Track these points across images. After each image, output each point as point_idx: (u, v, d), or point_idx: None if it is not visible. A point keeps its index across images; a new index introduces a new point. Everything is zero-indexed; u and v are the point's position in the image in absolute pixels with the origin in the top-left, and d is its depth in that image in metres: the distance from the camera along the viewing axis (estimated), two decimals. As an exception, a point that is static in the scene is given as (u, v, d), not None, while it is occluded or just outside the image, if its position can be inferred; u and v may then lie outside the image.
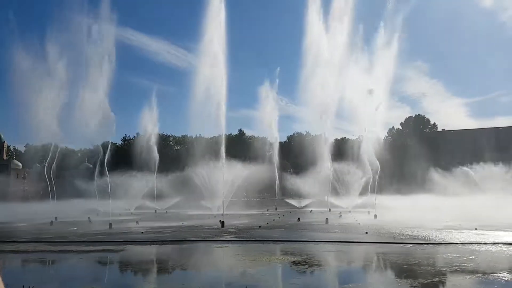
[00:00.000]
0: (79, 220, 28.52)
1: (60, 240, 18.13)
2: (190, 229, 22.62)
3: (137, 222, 26.63)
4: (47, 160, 39.97)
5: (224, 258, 13.77)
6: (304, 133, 73.78)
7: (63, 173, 44.68)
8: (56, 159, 39.22)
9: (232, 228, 22.42)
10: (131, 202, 43.74)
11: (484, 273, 9.66)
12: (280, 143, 63.79)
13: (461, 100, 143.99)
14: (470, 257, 11.82)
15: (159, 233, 20.83)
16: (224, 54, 36.30)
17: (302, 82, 51.03)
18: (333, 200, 41.79)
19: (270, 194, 55.35)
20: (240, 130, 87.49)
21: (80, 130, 42.36)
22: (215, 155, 39.49)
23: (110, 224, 23.74)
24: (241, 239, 17.51)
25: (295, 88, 53.30)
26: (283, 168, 57.51)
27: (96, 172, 36.02)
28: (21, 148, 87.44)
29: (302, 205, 46.45)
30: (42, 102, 38.48)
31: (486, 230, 19.53)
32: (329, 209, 37.66)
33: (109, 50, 36.37)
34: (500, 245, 14.30)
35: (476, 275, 9.47)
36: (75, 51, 40.43)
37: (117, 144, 79.67)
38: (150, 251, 15.37)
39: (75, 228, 23.43)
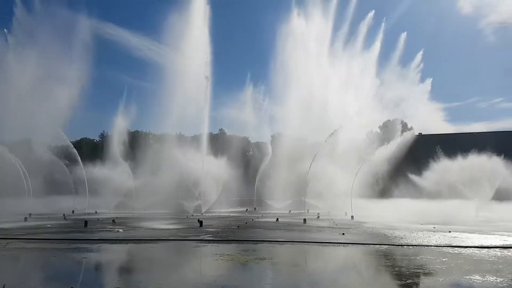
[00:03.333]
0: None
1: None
2: (168, 228, 22.41)
3: (113, 221, 26.28)
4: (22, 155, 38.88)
5: (201, 258, 13.68)
6: (286, 134, 73.89)
7: (39, 169, 43.59)
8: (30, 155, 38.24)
9: (211, 228, 22.34)
10: (110, 200, 43.13)
11: (457, 275, 9.88)
12: (262, 143, 63.85)
13: (439, 105, 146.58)
14: (444, 260, 12.07)
15: (136, 231, 20.58)
16: (208, 52, 36.06)
17: (282, 82, 51.38)
18: (311, 201, 42.03)
19: (249, 194, 55.42)
20: (221, 129, 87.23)
21: (56, 125, 41.39)
22: (196, 153, 39.20)
23: (86, 222, 23.29)
24: (219, 239, 17.45)
25: (278, 88, 53.32)
26: (263, 168, 57.53)
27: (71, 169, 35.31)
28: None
29: (281, 206, 46.56)
30: (15, 96, 37.44)
31: (459, 232, 20.05)
32: (307, 210, 37.91)
33: (88, 44, 35.78)
34: (472, 248, 14.69)
35: (449, 277, 9.67)
36: (53, 44, 39.55)
37: (95, 141, 78.32)
38: (125, 250, 15.13)
39: (49, 225, 22.95)
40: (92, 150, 57.13)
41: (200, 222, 23.33)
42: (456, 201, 38.06)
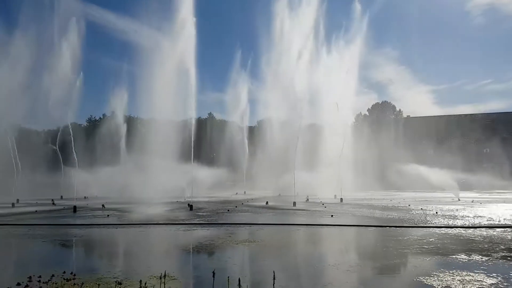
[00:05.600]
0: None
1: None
2: (158, 212, 22.38)
3: (103, 206, 26.16)
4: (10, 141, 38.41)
5: (191, 241, 13.69)
6: (274, 118, 73.89)
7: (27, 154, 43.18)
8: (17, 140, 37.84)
9: (201, 212, 22.36)
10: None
11: (443, 254, 10.05)
12: (250, 127, 63.85)
13: (427, 87, 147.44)
14: (431, 240, 12.28)
15: (126, 216, 20.50)
16: (195, 35, 35.37)
17: (271, 68, 51.29)
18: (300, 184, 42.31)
19: (239, 178, 55.60)
20: (210, 114, 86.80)
21: (42, 110, 40.89)
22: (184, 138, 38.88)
23: (75, 207, 23.16)
24: (209, 222, 17.48)
25: (267, 72, 53.27)
26: (252, 152, 57.68)
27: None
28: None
29: (271, 189, 46.76)
30: (1, 81, 36.70)
31: (446, 213, 20.45)
32: (297, 193, 38.17)
33: (74, 28, 35.05)
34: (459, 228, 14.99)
35: (436, 256, 9.83)
36: (38, 27, 38.73)
37: (82, 125, 77.40)
38: (115, 235, 15.08)
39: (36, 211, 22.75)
40: (79, 134, 56.56)
41: (190, 206, 23.36)
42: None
